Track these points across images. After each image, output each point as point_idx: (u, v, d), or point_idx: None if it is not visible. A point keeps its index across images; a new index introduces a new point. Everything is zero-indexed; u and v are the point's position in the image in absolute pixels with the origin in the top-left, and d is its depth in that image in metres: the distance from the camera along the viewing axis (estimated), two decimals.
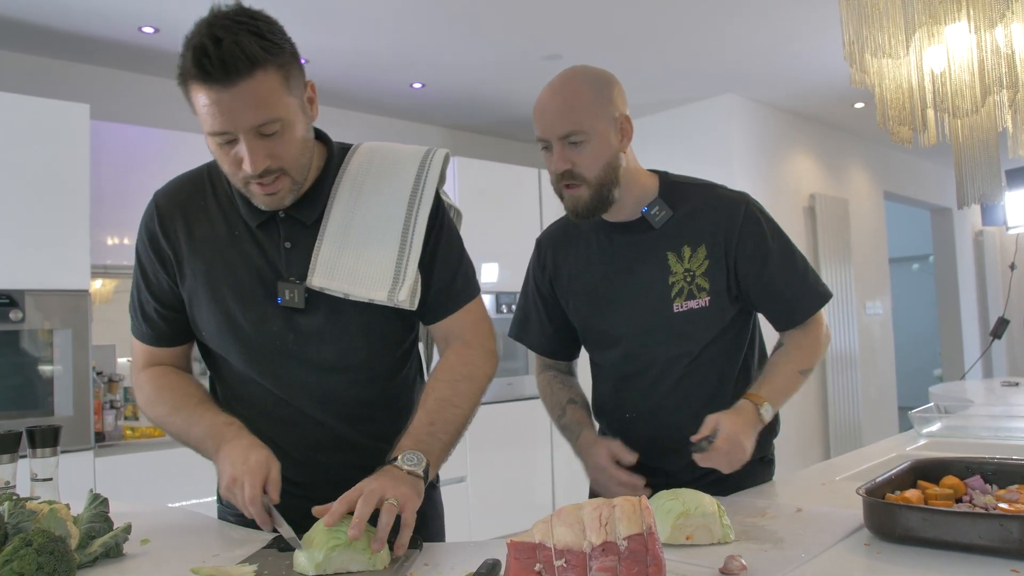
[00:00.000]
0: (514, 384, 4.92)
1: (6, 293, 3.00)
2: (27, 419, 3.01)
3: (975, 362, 5.06)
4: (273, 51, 1.16)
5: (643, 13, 3.86)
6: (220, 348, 1.36)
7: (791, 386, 1.55)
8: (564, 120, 1.45)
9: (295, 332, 1.32)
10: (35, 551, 0.92)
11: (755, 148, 5.45)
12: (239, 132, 1.16)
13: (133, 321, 1.42)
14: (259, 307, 1.31)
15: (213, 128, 1.16)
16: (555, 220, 1.77)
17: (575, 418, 1.67)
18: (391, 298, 1.30)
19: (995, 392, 3.48)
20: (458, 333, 1.40)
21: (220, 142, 1.19)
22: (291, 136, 1.21)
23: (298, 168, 1.25)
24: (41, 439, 1.31)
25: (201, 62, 1.11)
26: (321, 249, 1.31)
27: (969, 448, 1.97)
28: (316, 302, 1.31)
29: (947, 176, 7.80)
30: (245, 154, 1.17)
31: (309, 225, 1.33)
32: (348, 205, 1.34)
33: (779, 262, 1.55)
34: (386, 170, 1.38)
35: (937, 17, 1.83)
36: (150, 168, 3.68)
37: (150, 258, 1.37)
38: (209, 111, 1.14)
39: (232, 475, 1.16)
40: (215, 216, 1.35)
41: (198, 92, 1.15)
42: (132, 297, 1.42)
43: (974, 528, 1.03)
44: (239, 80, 1.12)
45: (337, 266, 1.30)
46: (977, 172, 2.10)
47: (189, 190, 1.39)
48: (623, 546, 0.88)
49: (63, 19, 3.56)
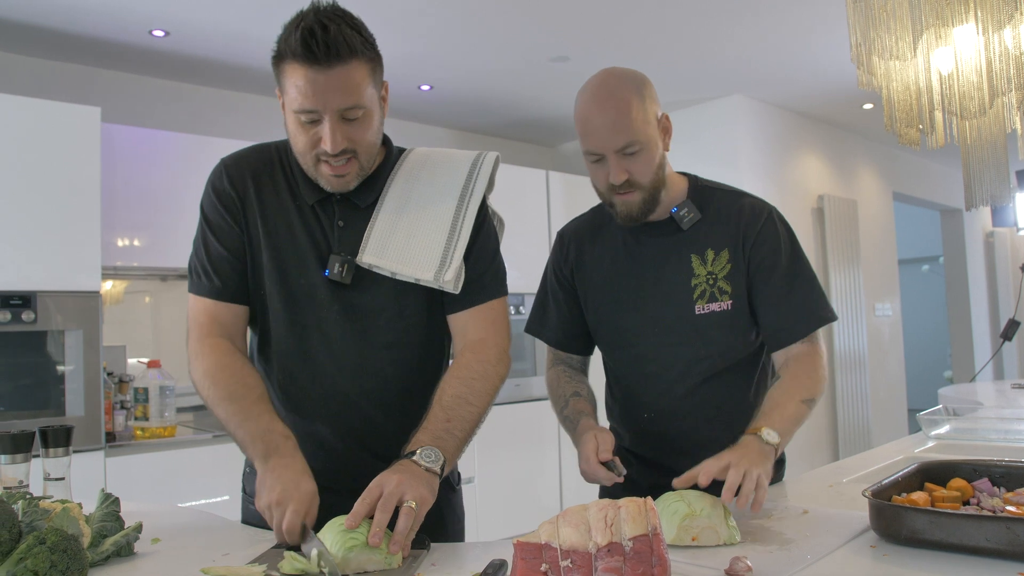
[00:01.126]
0: (522, 385, 4.92)
1: (18, 294, 3.02)
2: (39, 419, 3.03)
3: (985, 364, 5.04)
4: (367, 46, 1.29)
5: (651, 15, 3.86)
6: (273, 309, 1.41)
7: (794, 413, 1.43)
8: (620, 134, 1.45)
9: (340, 305, 1.39)
10: (48, 549, 0.94)
11: (764, 149, 5.44)
12: (326, 112, 1.26)
13: (196, 280, 1.42)
14: (310, 275, 1.39)
15: (303, 105, 1.25)
16: (579, 215, 1.77)
17: (576, 408, 1.64)
18: (437, 278, 1.37)
19: (1005, 394, 3.46)
20: (477, 328, 1.43)
21: (304, 120, 1.28)
22: (369, 124, 1.32)
23: (368, 155, 1.36)
24: (54, 439, 1.33)
25: (308, 43, 1.21)
26: (373, 229, 1.39)
27: (978, 450, 1.96)
28: (361, 280, 1.39)
29: (956, 177, 7.77)
30: (327, 133, 1.27)
31: (363, 208, 1.41)
32: (402, 193, 1.43)
33: (785, 274, 1.53)
34: (440, 166, 1.48)
35: (945, 19, 1.83)
36: (160, 170, 3.71)
37: (218, 212, 1.42)
38: (303, 90, 1.24)
39: (279, 497, 1.16)
40: (282, 187, 1.43)
41: (295, 71, 1.24)
42: (195, 257, 1.43)
43: (981, 531, 1.03)
44: (337, 64, 1.23)
45: (387, 246, 1.38)
46: (985, 174, 2.10)
47: (260, 158, 1.46)
48: (628, 547, 0.89)
49: (74, 23, 3.58)
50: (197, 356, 1.38)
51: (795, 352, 1.52)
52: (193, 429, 3.60)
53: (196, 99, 4.44)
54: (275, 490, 1.17)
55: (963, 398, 3.27)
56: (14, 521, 1.00)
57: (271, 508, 1.16)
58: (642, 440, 1.65)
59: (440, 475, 1.21)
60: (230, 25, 3.61)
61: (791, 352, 1.53)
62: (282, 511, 1.14)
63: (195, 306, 1.42)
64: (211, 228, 1.42)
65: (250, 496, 1.49)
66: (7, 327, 2.99)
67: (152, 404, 3.35)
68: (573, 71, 4.50)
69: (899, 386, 6.75)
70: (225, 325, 1.41)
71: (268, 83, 4.43)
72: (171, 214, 3.68)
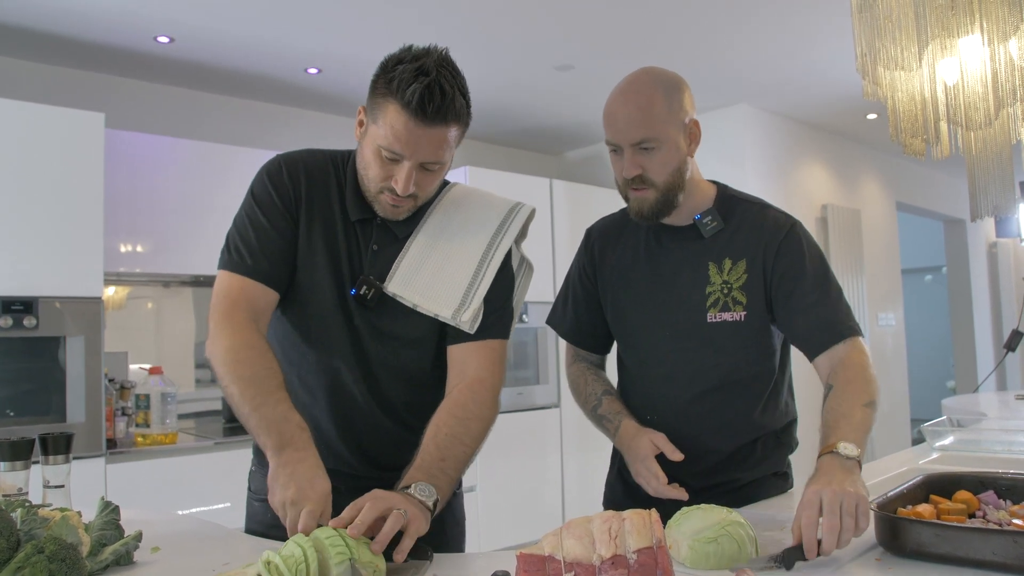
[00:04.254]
0: (524, 394, 4.91)
1: (20, 299, 3.02)
2: (39, 425, 3.02)
3: (989, 375, 5.01)
4: (467, 113, 1.36)
5: (655, 24, 3.87)
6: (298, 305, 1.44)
7: (861, 420, 1.33)
8: (637, 127, 1.47)
9: (361, 321, 1.43)
10: (47, 558, 0.93)
11: (767, 158, 5.44)
12: (411, 161, 1.32)
13: (235, 257, 1.40)
14: (341, 289, 1.43)
15: (394, 149, 1.31)
16: (608, 214, 1.78)
17: (613, 408, 1.63)
18: (456, 317, 1.42)
19: (1009, 405, 3.45)
20: (476, 365, 1.44)
21: (387, 156, 1.33)
22: (440, 175, 1.41)
23: (426, 198, 1.44)
24: (54, 446, 1.32)
25: (425, 103, 1.26)
26: (403, 260, 1.44)
27: (982, 462, 1.95)
28: (385, 304, 1.43)
29: (960, 187, 7.76)
30: (402, 177, 1.33)
31: (399, 237, 1.46)
32: (437, 228, 1.48)
33: (811, 285, 1.51)
34: (477, 208, 1.53)
35: (950, 29, 1.83)
36: (164, 176, 3.71)
37: (272, 198, 1.43)
38: (399, 136, 1.29)
39: (294, 496, 1.15)
40: (333, 197, 1.46)
41: (399, 115, 1.28)
42: (240, 232, 1.42)
43: (987, 544, 1.02)
44: (440, 126, 1.30)
45: (414, 279, 1.43)
46: (991, 185, 2.09)
47: (316, 164, 1.49)
48: (633, 559, 0.88)
49: (78, 28, 3.59)
50: (221, 330, 1.34)
51: (839, 356, 1.46)
52: (195, 436, 3.59)
53: (200, 106, 4.45)
54: (290, 488, 1.16)
55: (966, 409, 3.26)
56: (12, 529, 1.00)
57: (286, 506, 1.15)
58: None
59: (432, 511, 1.21)
60: (235, 32, 3.62)
61: (835, 357, 1.46)
62: (297, 510, 1.13)
63: (228, 283, 1.38)
64: (262, 210, 1.42)
65: (256, 494, 1.50)
66: (9, 332, 2.99)
67: (153, 411, 3.35)
68: (577, 80, 4.50)
69: (902, 396, 6.73)
70: (256, 307, 1.38)
71: (273, 90, 4.45)
72: (174, 220, 3.68)
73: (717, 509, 1.18)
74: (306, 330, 1.45)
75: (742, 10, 3.75)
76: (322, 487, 1.17)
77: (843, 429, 1.30)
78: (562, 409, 5.02)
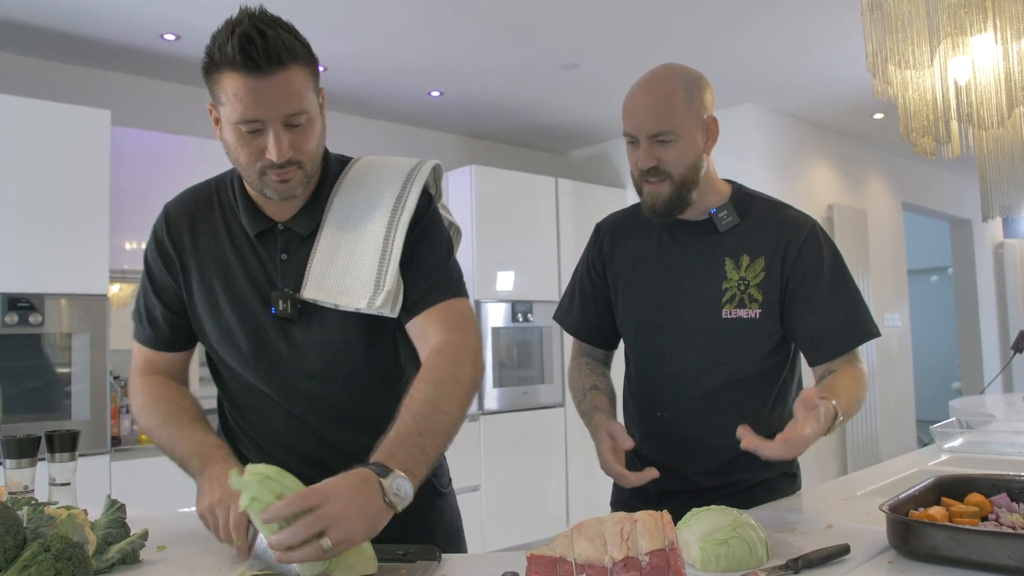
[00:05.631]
0: (529, 393, 4.90)
1: (25, 297, 3.02)
2: (45, 422, 3.02)
3: (995, 376, 4.99)
4: (306, 50, 1.25)
5: (661, 24, 3.85)
6: (221, 354, 1.41)
7: (852, 410, 1.44)
8: (655, 119, 1.47)
9: (288, 342, 1.35)
10: (53, 556, 0.92)
11: (773, 158, 5.42)
12: (270, 120, 1.21)
13: (137, 326, 1.48)
14: (255, 318, 1.35)
15: (245, 115, 1.20)
16: (618, 210, 1.78)
17: (593, 403, 1.63)
18: (370, 305, 1.31)
19: (1016, 407, 3.44)
20: (438, 330, 1.31)
21: (246, 130, 1.23)
22: (312, 131, 1.28)
23: (313, 163, 1.31)
24: (60, 444, 1.32)
25: (248, 50, 1.17)
26: (313, 262, 1.34)
27: (992, 464, 1.93)
28: (308, 314, 1.34)
29: (967, 187, 7.74)
30: (271, 143, 1.22)
31: (305, 237, 1.37)
32: (340, 216, 1.37)
33: (829, 288, 1.52)
34: (377, 184, 1.40)
35: (963, 27, 1.81)
36: (169, 174, 3.70)
37: (158, 264, 1.43)
38: (243, 99, 1.19)
39: (220, 497, 1.14)
40: (219, 227, 1.41)
41: (233, 80, 1.19)
42: (138, 303, 1.47)
43: (1003, 548, 1.01)
44: (279, 71, 1.19)
45: (327, 277, 1.33)
46: (1002, 184, 2.08)
47: (198, 202, 1.44)
48: (645, 561, 0.87)
49: (85, 26, 3.59)
50: (134, 394, 1.44)
51: (836, 366, 1.51)
52: None
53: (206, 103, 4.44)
54: (214, 492, 1.16)
55: (974, 410, 3.24)
56: (19, 527, 0.99)
57: (213, 510, 1.15)
58: (652, 440, 1.63)
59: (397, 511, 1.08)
60: None
61: (832, 367, 1.51)
62: (225, 508, 1.13)
63: (137, 350, 1.48)
64: (151, 280, 1.44)
65: None
66: (14, 329, 2.99)
67: None
68: (583, 78, 4.49)
69: (908, 397, 6.71)
70: (163, 368, 1.46)
71: None
72: None
73: (727, 511, 1.16)
74: (239, 373, 1.40)
75: (748, 10, 3.74)
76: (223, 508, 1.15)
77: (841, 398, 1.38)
78: (567, 408, 5.02)
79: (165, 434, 1.33)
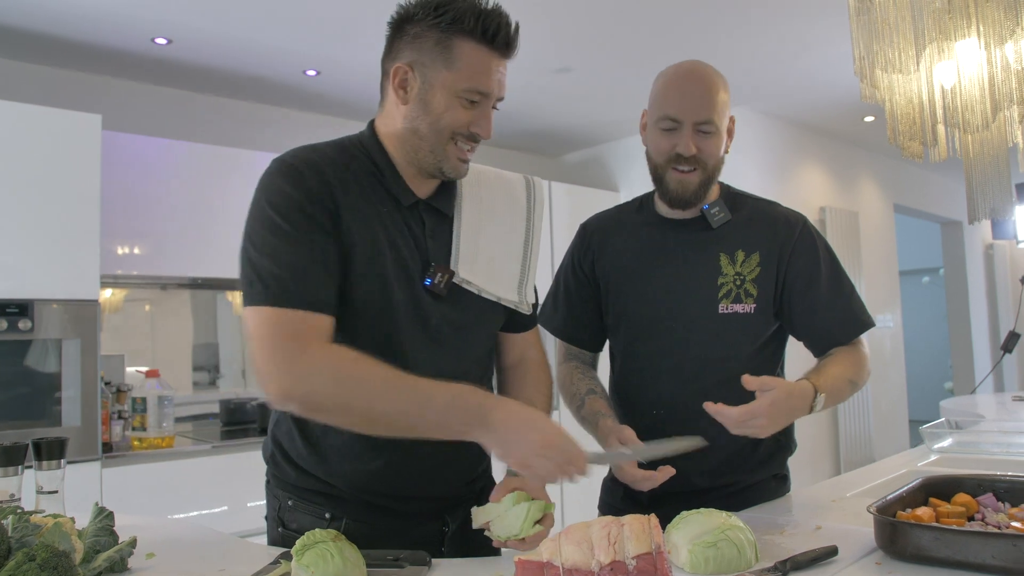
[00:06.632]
0: None
1: (15, 302, 3.01)
2: (34, 429, 3.01)
3: (986, 376, 5.02)
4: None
5: (653, 27, 3.86)
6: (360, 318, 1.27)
7: (842, 390, 1.50)
8: (704, 108, 1.50)
9: (437, 318, 1.34)
10: (38, 566, 0.92)
11: (765, 161, 5.44)
12: (494, 97, 1.32)
13: (271, 287, 1.18)
14: (412, 286, 1.31)
15: (481, 86, 1.28)
16: (601, 211, 1.80)
17: (594, 408, 1.62)
18: (520, 301, 1.43)
19: (1006, 407, 3.45)
20: (536, 349, 1.54)
21: (466, 100, 1.28)
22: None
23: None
24: (47, 451, 1.31)
25: (501, 33, 1.29)
26: (460, 243, 1.38)
27: (981, 464, 1.95)
28: (453, 293, 1.36)
29: (957, 189, 7.77)
30: (486, 118, 1.32)
31: (446, 215, 1.40)
32: (472, 207, 1.43)
33: (826, 284, 1.57)
34: (496, 186, 1.50)
35: (947, 33, 1.83)
36: (161, 178, 3.70)
37: (305, 214, 1.22)
38: (485, 71, 1.29)
39: (547, 439, 1.18)
40: (362, 187, 1.30)
41: (476, 51, 1.28)
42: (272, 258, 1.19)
43: (986, 548, 1.02)
44: (508, 59, 1.34)
45: (475, 262, 1.38)
46: (988, 187, 2.09)
47: (321, 158, 1.29)
48: (632, 565, 0.87)
49: (76, 30, 3.58)
50: (313, 367, 1.16)
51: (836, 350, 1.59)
52: (192, 440, 3.58)
53: (198, 107, 4.44)
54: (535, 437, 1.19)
55: (964, 410, 3.26)
56: (3, 537, 0.99)
57: (545, 455, 1.18)
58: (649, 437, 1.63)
59: None
60: (232, 34, 3.61)
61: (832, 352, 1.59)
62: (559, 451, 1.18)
63: (275, 318, 1.17)
64: (294, 226, 1.21)
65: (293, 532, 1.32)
66: (3, 335, 2.97)
67: (150, 414, 3.33)
68: (576, 82, 4.50)
69: (900, 397, 6.73)
70: (323, 336, 1.20)
71: (271, 92, 4.44)
72: (171, 223, 3.67)
73: (716, 513, 1.17)
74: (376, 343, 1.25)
75: (739, 14, 3.75)
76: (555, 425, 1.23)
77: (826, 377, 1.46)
78: (560, 412, 5.01)
79: (393, 397, 1.16)
